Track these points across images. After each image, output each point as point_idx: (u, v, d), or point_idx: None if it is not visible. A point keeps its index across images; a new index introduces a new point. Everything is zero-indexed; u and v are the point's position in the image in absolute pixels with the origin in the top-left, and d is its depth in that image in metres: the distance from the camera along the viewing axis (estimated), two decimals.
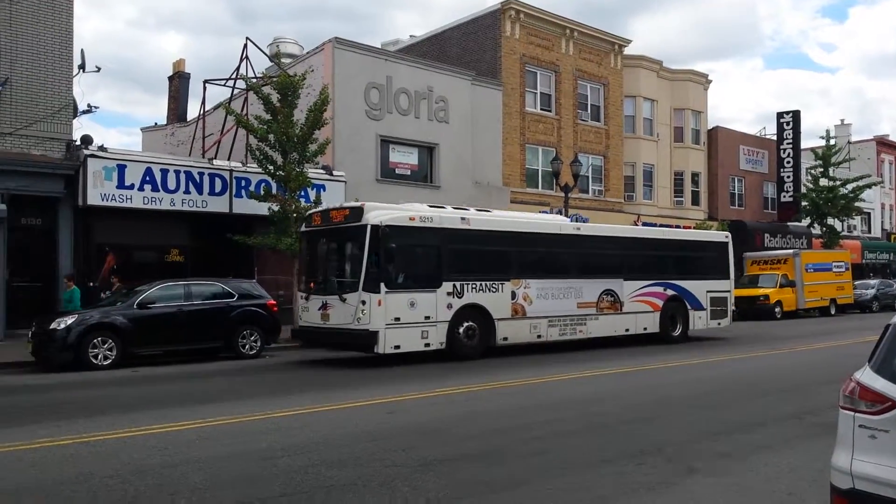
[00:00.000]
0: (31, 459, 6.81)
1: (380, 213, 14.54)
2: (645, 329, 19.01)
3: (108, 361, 14.19)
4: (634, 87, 35.56)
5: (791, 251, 35.90)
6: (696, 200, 38.69)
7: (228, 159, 21.95)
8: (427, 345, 14.70)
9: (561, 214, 26.12)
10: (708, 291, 20.61)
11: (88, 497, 5.62)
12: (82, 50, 20.45)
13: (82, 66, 20.03)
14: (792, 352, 17.65)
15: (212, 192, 21.02)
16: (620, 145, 34.84)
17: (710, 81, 39.90)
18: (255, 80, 21.61)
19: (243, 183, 21.41)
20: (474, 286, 15.55)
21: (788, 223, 42.49)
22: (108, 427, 8.24)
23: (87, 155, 19.10)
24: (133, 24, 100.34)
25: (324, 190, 22.38)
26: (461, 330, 15.25)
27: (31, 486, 5.96)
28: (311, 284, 15.47)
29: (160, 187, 20.09)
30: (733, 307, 22.05)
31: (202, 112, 23.53)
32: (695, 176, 38.63)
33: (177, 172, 20.53)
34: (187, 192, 20.56)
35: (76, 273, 18.16)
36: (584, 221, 31.17)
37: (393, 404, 9.90)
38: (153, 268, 20.32)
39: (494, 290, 15.90)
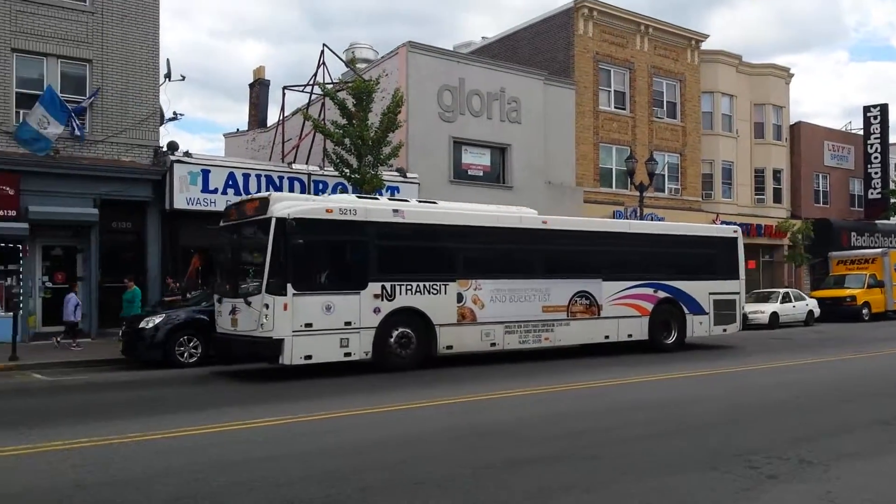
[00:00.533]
0: (125, 453, 7.17)
1: (288, 204, 12.92)
2: (630, 336, 16.92)
3: (194, 359, 14.77)
4: (712, 82, 34.73)
5: (879, 250, 34.42)
6: (778, 198, 37.53)
7: (307, 163, 22.52)
8: (348, 354, 13.02)
9: (634, 214, 25.76)
10: (711, 294, 18.40)
11: (177, 490, 5.88)
12: (168, 60, 21.36)
13: (168, 76, 20.89)
14: (879, 355, 16.92)
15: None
16: (698, 142, 34.08)
17: (792, 75, 38.63)
18: (331, 86, 22.09)
19: (321, 186, 21.92)
20: (410, 288, 13.78)
21: (876, 221, 40.74)
22: (194, 423, 8.60)
23: (174, 161, 19.96)
24: (215, 33, 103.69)
25: (398, 192, 22.68)
26: (393, 337, 13.56)
27: (123, 478, 6.26)
28: (227, 286, 13.99)
29: (242, 191, 20.75)
30: (744, 310, 19.92)
31: (281, 118, 24.19)
32: (776, 173, 37.46)
33: (258, 176, 21.23)
34: None
35: (136, 275, 19.04)
36: (659, 221, 30.68)
37: (467, 404, 9.99)
38: None
39: (435, 291, 14.12)
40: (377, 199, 15.19)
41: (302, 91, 23.82)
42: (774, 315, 27.39)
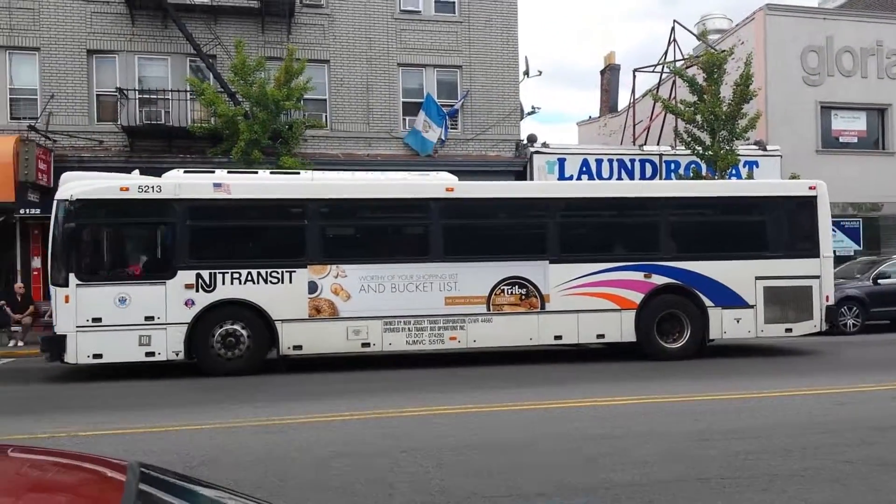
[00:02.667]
0: (521, 420, 8.22)
1: (77, 184, 11.63)
2: (601, 337, 12.97)
3: None
4: None
5: None
6: None
7: (658, 144, 22.57)
8: (150, 354, 11.52)
9: None
10: (760, 278, 13.26)
11: (548, 451, 6.63)
12: (526, 57, 22.89)
13: (526, 73, 22.40)
14: None
15: (642, 177, 21.88)
16: None
17: None
18: (681, 63, 21.80)
19: (672, 166, 21.85)
20: (237, 276, 11.82)
21: None
22: (566, 396, 9.44)
23: (533, 152, 21.54)
24: (564, 24, 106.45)
25: (756, 166, 21.70)
26: (215, 336, 11.76)
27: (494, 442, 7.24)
28: None
29: (595, 176, 21.61)
30: (828, 303, 13.49)
31: (632, 100, 24.47)
32: None
33: (610, 161, 21.92)
34: (620, 178, 21.73)
35: None
36: None
37: (843, 395, 9.46)
38: None
39: (276, 280, 11.95)
40: (213, 172, 13.02)
41: (652, 71, 23.85)
42: None
